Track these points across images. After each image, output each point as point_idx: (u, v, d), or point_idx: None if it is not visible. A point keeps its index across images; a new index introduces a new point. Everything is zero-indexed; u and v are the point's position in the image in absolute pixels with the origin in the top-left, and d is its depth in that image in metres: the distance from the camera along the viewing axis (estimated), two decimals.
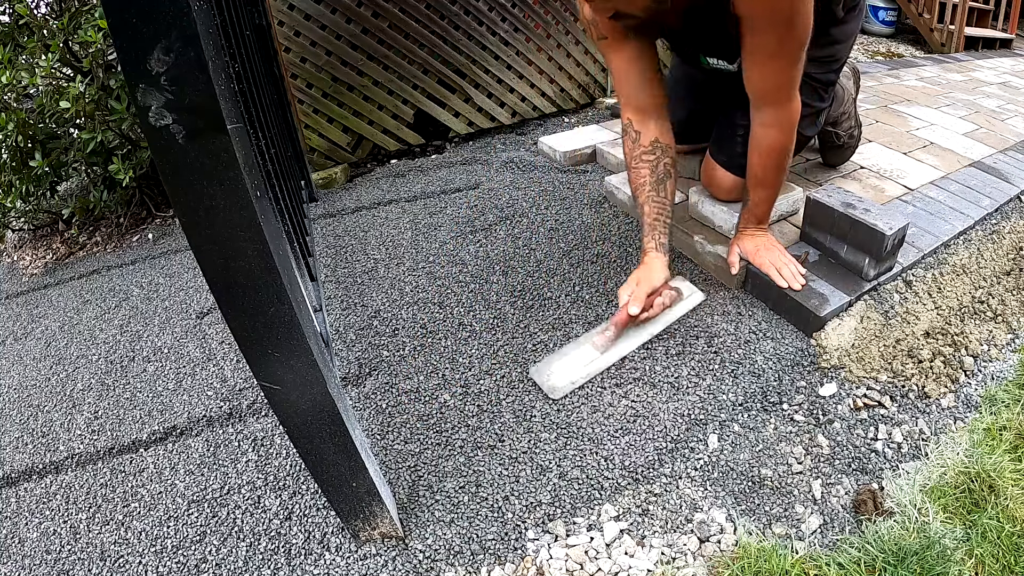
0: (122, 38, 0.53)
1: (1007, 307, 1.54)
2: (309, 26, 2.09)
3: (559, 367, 1.31)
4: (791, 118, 1.25)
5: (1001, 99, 2.83)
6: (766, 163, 1.32)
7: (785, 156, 1.31)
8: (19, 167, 1.96)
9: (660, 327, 1.39)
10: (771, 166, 1.32)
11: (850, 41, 1.47)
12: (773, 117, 1.26)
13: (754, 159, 1.33)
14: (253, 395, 1.36)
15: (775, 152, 1.30)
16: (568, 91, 2.77)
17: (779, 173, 1.34)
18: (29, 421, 1.41)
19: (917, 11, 4.30)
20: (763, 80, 1.21)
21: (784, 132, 1.27)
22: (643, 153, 1.39)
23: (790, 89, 1.21)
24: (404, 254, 1.78)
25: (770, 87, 1.22)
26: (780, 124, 1.26)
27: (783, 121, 1.26)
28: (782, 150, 1.29)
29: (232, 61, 0.97)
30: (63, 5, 1.93)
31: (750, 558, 0.98)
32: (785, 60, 1.16)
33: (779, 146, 1.29)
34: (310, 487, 1.14)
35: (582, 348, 1.34)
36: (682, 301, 1.44)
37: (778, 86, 1.21)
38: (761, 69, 1.20)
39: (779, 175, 1.35)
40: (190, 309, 1.70)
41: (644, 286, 1.32)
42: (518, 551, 1.03)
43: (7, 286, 2.06)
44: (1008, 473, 1.11)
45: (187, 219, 0.62)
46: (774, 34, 1.12)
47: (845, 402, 1.26)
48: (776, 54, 1.15)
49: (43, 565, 1.09)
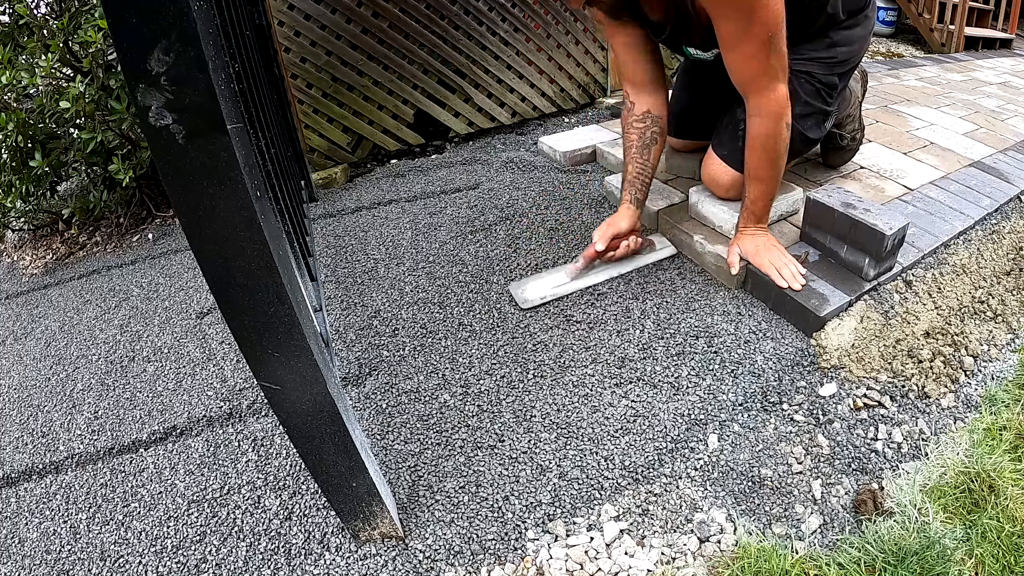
0: (122, 38, 0.53)
1: (1007, 307, 1.54)
2: (309, 26, 2.09)
3: (533, 285, 1.56)
4: (773, 107, 1.26)
5: (1001, 99, 2.83)
6: (756, 154, 1.33)
7: (774, 147, 1.32)
8: (19, 167, 1.97)
9: (627, 268, 1.59)
10: (762, 157, 1.33)
11: (856, 46, 1.47)
12: (756, 105, 1.28)
13: (747, 152, 1.35)
14: (253, 395, 1.36)
15: (762, 141, 1.31)
16: (568, 91, 2.77)
17: (771, 166, 1.35)
18: (29, 421, 1.41)
19: (917, 11, 4.30)
20: (739, 69, 1.25)
21: (768, 120, 1.28)
22: (634, 120, 1.54)
23: (768, 78, 1.23)
24: (404, 254, 1.78)
25: (747, 75, 1.25)
26: (763, 112, 1.28)
27: (765, 109, 1.27)
28: (768, 139, 1.30)
29: (232, 61, 0.97)
30: (63, 5, 1.93)
31: (750, 558, 0.98)
32: (753, 46, 1.18)
33: (764, 134, 1.30)
34: (310, 487, 1.14)
35: (555, 274, 1.59)
36: (654, 252, 1.64)
37: (754, 74, 1.23)
38: (733, 57, 1.23)
39: (771, 168, 1.35)
40: (190, 309, 1.70)
41: (611, 228, 1.53)
42: (518, 551, 1.03)
43: (7, 286, 2.07)
44: (1008, 473, 1.11)
45: (187, 219, 0.62)
46: (737, 22, 1.16)
47: (845, 402, 1.26)
48: (743, 40, 1.18)
49: (43, 565, 1.09)
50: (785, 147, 1.33)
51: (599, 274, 1.57)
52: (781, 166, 1.36)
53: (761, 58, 1.20)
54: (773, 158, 1.33)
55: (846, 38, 1.44)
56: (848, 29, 1.44)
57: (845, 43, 1.44)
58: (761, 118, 1.28)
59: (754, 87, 1.26)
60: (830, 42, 1.43)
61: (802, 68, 1.43)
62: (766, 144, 1.31)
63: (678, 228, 1.64)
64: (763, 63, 1.20)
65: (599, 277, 1.56)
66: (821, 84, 1.46)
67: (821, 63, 1.43)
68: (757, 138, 1.31)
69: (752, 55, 1.20)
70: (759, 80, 1.24)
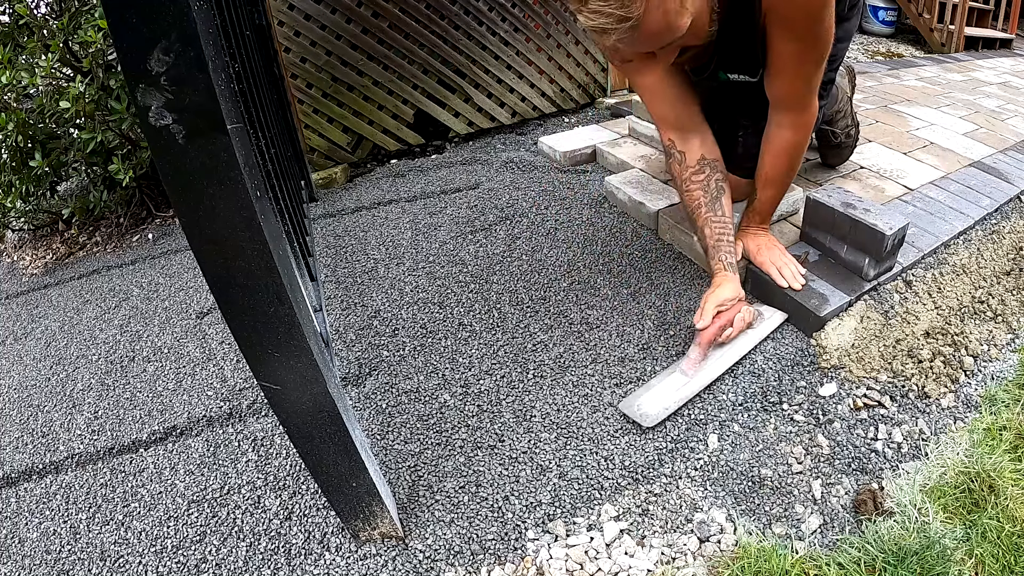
0: (122, 38, 0.53)
1: (1007, 307, 1.54)
2: (309, 26, 2.09)
3: (649, 398, 1.24)
4: (808, 121, 1.28)
5: (1001, 99, 2.83)
6: (779, 163, 1.34)
7: (798, 157, 1.34)
8: (19, 167, 1.97)
9: (746, 348, 1.32)
10: (783, 166, 1.35)
11: (849, 40, 1.48)
12: (792, 120, 1.28)
13: (767, 159, 1.35)
14: (253, 395, 1.36)
15: (789, 153, 1.32)
16: (568, 91, 2.77)
17: (790, 174, 1.37)
18: (29, 421, 1.41)
19: (917, 11, 4.30)
20: (788, 86, 1.21)
21: (800, 134, 1.30)
22: (692, 174, 1.35)
23: (811, 94, 1.23)
24: (404, 254, 1.78)
25: (795, 92, 1.22)
26: (797, 127, 1.29)
27: (800, 124, 1.28)
28: (797, 148, 1.32)
29: (232, 61, 0.97)
30: (63, 5, 1.93)
31: (750, 558, 0.98)
32: (812, 64, 1.16)
33: (792, 147, 1.31)
34: (310, 487, 1.14)
35: (668, 378, 1.29)
36: (764, 320, 1.39)
37: (802, 91, 1.22)
38: (788, 75, 1.19)
39: (790, 176, 1.38)
40: (190, 309, 1.70)
41: (712, 301, 1.28)
42: (518, 551, 1.03)
43: (7, 286, 2.07)
44: (1008, 473, 1.11)
45: (187, 219, 0.62)
46: (802, 43, 1.11)
47: (845, 402, 1.26)
48: (804, 59, 1.15)
49: (43, 565, 1.09)
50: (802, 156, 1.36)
51: (718, 362, 1.30)
52: (794, 175, 1.39)
53: (814, 74, 1.18)
54: (795, 167, 1.36)
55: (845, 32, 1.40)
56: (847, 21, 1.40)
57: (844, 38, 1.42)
58: (792, 130, 1.29)
59: (796, 103, 1.24)
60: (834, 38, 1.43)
61: None
62: (793, 153, 1.32)
63: (678, 228, 1.64)
64: (812, 80, 1.19)
65: (720, 366, 1.29)
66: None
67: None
68: (784, 149, 1.31)
69: (808, 73, 1.18)
70: (803, 98, 1.23)
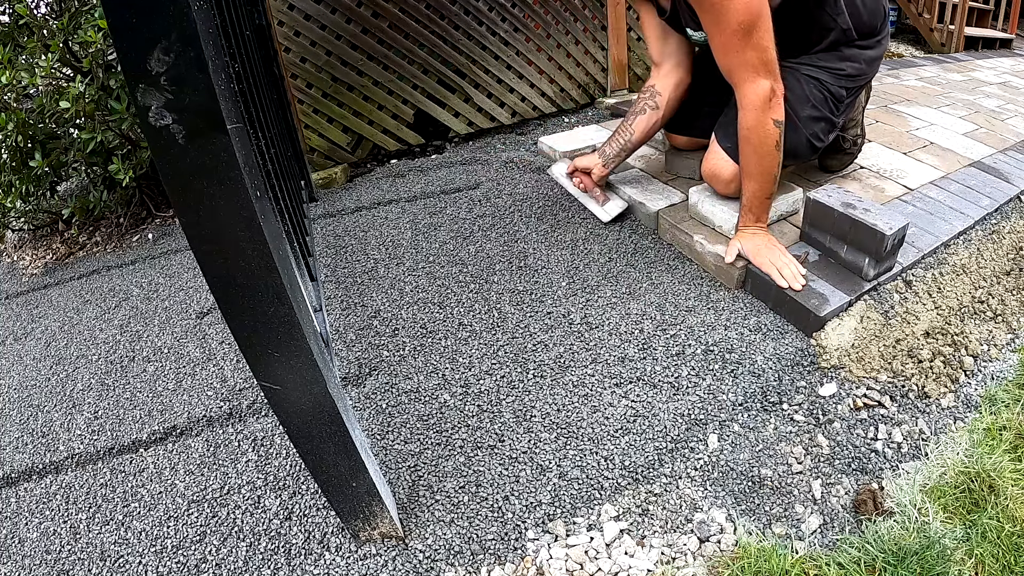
0: (122, 38, 0.53)
1: (1007, 307, 1.54)
2: (309, 26, 2.09)
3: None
4: (752, 99, 1.30)
5: (1001, 99, 2.83)
6: (743, 147, 1.37)
7: (758, 141, 1.33)
8: (19, 167, 1.96)
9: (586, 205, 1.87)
10: (747, 151, 1.36)
11: (865, 66, 1.53)
12: (740, 96, 1.32)
13: (739, 147, 1.39)
14: (253, 395, 1.36)
15: (745, 133, 1.34)
16: (568, 91, 2.77)
17: (757, 161, 1.36)
18: (29, 421, 1.41)
19: (917, 11, 4.30)
20: (719, 58, 1.31)
21: (749, 112, 1.31)
22: (640, 93, 1.70)
23: (745, 70, 1.28)
24: (404, 254, 1.78)
25: (727, 65, 1.31)
26: (744, 104, 1.32)
27: (745, 100, 1.31)
28: (751, 132, 1.33)
29: (232, 61, 0.97)
30: (63, 5, 1.93)
31: (750, 558, 0.98)
32: (727, 36, 1.24)
33: (747, 126, 1.33)
34: (310, 487, 1.14)
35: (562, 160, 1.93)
36: (610, 202, 1.83)
37: (733, 64, 1.29)
38: (714, 45, 1.30)
39: (760, 163, 1.36)
40: (190, 309, 1.70)
41: (575, 162, 1.82)
42: (518, 551, 1.03)
43: (7, 286, 2.06)
44: (1008, 473, 1.11)
45: (187, 219, 0.62)
46: (710, 13, 1.23)
47: (845, 402, 1.26)
48: (718, 30, 1.25)
49: (43, 565, 1.09)
50: (773, 145, 1.34)
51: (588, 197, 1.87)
52: (770, 165, 1.36)
53: (737, 48, 1.25)
54: (760, 153, 1.35)
55: (856, 55, 1.51)
56: (860, 48, 1.51)
57: (854, 60, 1.51)
58: (744, 110, 1.33)
59: (736, 78, 1.31)
60: (841, 56, 1.50)
61: (813, 74, 1.49)
62: (749, 137, 1.34)
63: (678, 228, 1.64)
64: (740, 54, 1.26)
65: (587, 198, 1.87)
66: (829, 93, 1.50)
67: (831, 72, 1.49)
68: (742, 130, 1.35)
69: (728, 44, 1.26)
70: (739, 71, 1.29)
